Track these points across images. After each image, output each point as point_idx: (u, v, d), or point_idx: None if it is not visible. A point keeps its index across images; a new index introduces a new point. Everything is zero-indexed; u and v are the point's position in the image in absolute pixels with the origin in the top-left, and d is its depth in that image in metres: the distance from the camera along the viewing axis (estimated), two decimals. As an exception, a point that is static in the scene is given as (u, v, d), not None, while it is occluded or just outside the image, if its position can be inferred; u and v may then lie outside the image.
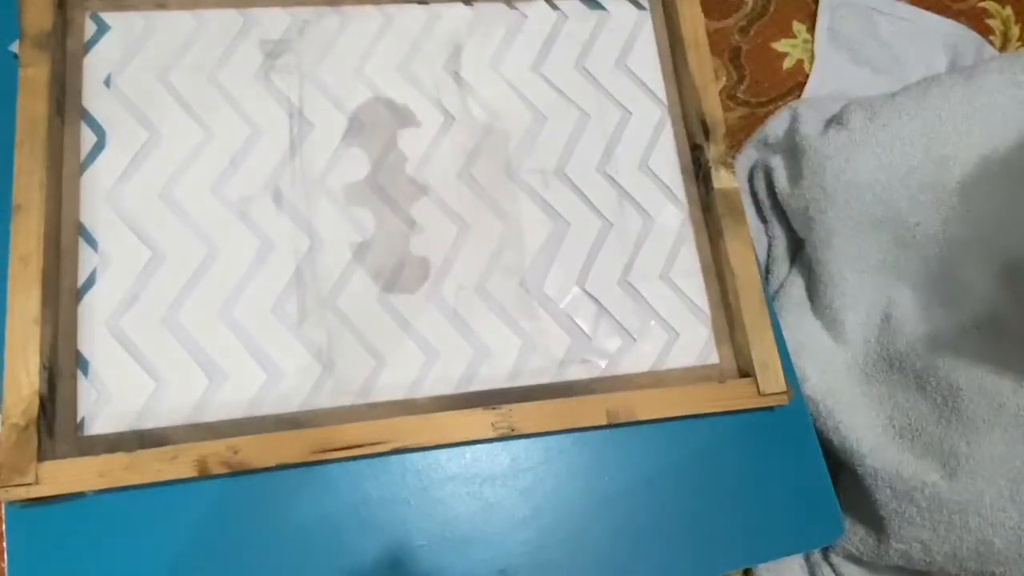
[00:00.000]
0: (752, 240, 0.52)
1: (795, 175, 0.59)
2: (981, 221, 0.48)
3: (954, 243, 0.50)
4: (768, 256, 0.67)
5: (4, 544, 0.43)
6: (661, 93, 0.56)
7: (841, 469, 0.56)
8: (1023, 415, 0.46)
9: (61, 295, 0.44)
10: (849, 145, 0.55)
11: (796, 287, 0.62)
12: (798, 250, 0.66)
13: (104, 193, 0.47)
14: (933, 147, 0.51)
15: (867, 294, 0.54)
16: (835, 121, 0.60)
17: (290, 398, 0.46)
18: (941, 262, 0.50)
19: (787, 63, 0.78)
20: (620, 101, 0.55)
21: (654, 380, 0.50)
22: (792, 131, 0.63)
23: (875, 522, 0.53)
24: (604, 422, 0.46)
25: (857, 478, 0.54)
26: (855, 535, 0.55)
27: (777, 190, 0.63)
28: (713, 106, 0.53)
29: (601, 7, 0.57)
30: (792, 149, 0.61)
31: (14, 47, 0.47)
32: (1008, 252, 0.47)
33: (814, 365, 0.56)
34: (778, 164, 0.64)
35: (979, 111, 0.51)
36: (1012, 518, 0.46)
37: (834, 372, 0.55)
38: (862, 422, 0.53)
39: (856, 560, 0.56)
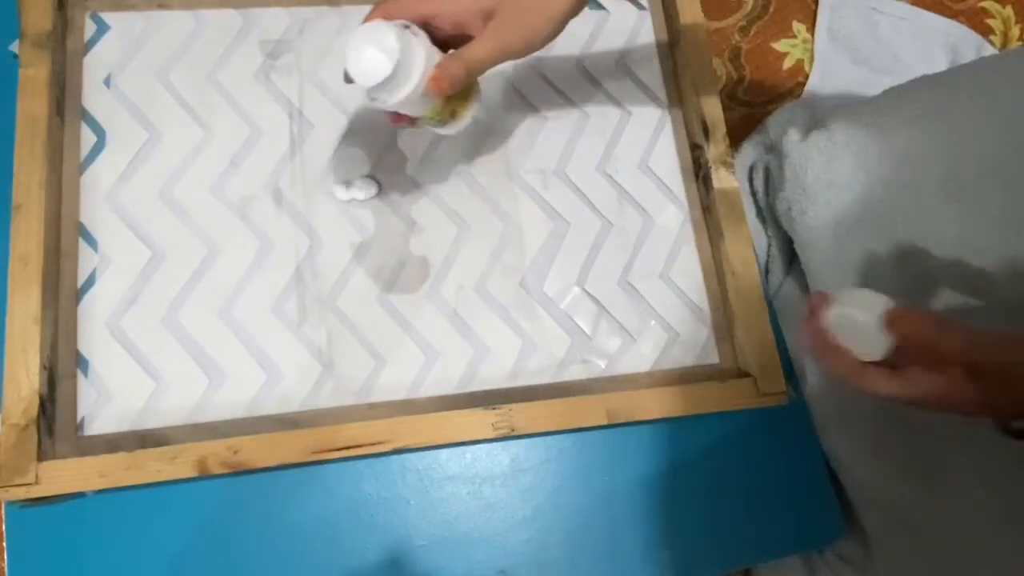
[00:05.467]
0: (752, 240, 0.52)
1: (780, 177, 0.60)
2: (960, 222, 0.48)
3: (932, 244, 0.50)
4: (768, 256, 0.67)
5: (4, 544, 0.43)
6: (661, 93, 0.56)
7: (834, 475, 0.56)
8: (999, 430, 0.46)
9: (61, 295, 0.44)
10: (830, 146, 0.55)
11: (795, 287, 0.62)
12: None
13: (104, 193, 0.47)
14: (911, 147, 0.51)
15: None
16: (819, 124, 0.60)
17: (290, 398, 0.46)
18: (919, 263, 0.50)
19: (787, 63, 0.78)
20: (620, 101, 0.55)
21: (654, 380, 0.50)
22: (780, 133, 0.63)
23: (860, 531, 0.53)
24: (604, 422, 0.45)
25: (842, 488, 0.54)
26: (846, 542, 0.55)
27: (769, 191, 0.64)
28: (713, 106, 0.53)
29: (601, 7, 0.57)
30: (779, 153, 0.61)
31: (14, 47, 0.47)
32: (986, 254, 0.47)
33: (812, 366, 0.56)
34: (772, 167, 0.64)
35: (957, 112, 0.51)
36: (990, 531, 0.46)
37: (824, 377, 0.55)
38: (846, 432, 0.53)
39: (853, 564, 0.56)
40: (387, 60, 0.36)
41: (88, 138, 0.48)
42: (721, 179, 0.52)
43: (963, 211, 0.48)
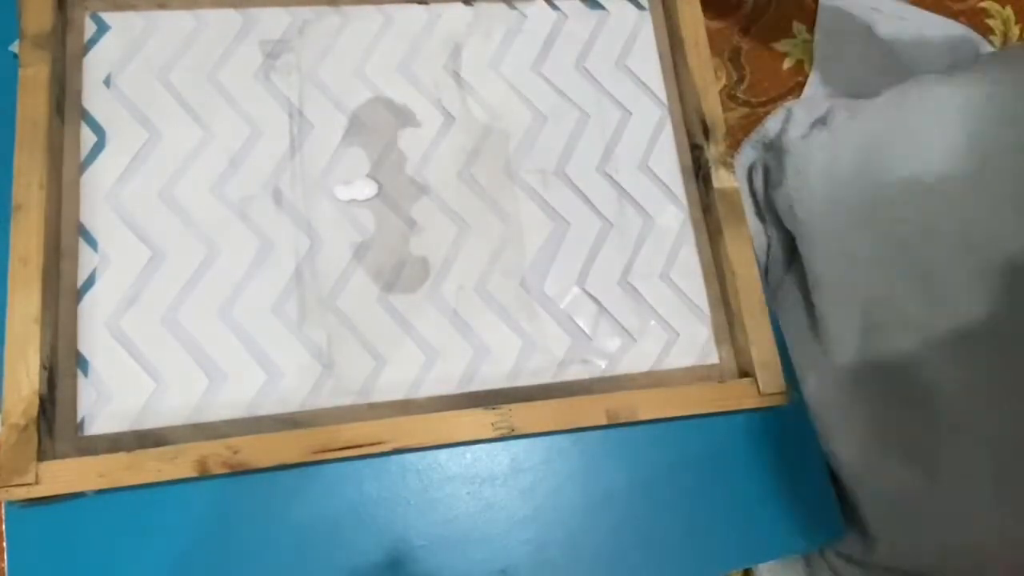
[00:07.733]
0: (752, 240, 0.52)
1: (781, 175, 0.60)
2: (962, 220, 0.48)
3: (936, 242, 0.50)
4: (768, 256, 0.67)
5: (4, 544, 0.43)
6: (661, 93, 0.56)
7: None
8: (1004, 418, 0.46)
9: (61, 295, 0.44)
10: (832, 144, 0.55)
11: (795, 287, 0.62)
12: (797, 249, 0.66)
13: (104, 193, 0.47)
14: (914, 145, 0.51)
15: (850, 294, 0.54)
16: (820, 121, 0.60)
17: (290, 398, 0.46)
18: (923, 262, 0.50)
19: (787, 63, 0.78)
20: (620, 101, 0.55)
21: (654, 380, 0.50)
22: (781, 131, 0.64)
23: (862, 525, 0.53)
24: (604, 422, 0.45)
25: (842, 482, 0.54)
26: (846, 537, 0.55)
27: (769, 190, 0.64)
28: (713, 106, 0.53)
29: (601, 7, 0.57)
30: (779, 149, 0.62)
31: (14, 47, 0.47)
32: (989, 252, 0.47)
33: (810, 366, 0.56)
34: (771, 164, 0.64)
35: (959, 109, 0.51)
36: (995, 519, 0.46)
37: (823, 373, 0.55)
38: (847, 426, 0.53)
39: (853, 561, 0.56)
40: None
41: (88, 138, 0.48)
42: (721, 179, 0.52)
43: (969, 208, 0.48)
